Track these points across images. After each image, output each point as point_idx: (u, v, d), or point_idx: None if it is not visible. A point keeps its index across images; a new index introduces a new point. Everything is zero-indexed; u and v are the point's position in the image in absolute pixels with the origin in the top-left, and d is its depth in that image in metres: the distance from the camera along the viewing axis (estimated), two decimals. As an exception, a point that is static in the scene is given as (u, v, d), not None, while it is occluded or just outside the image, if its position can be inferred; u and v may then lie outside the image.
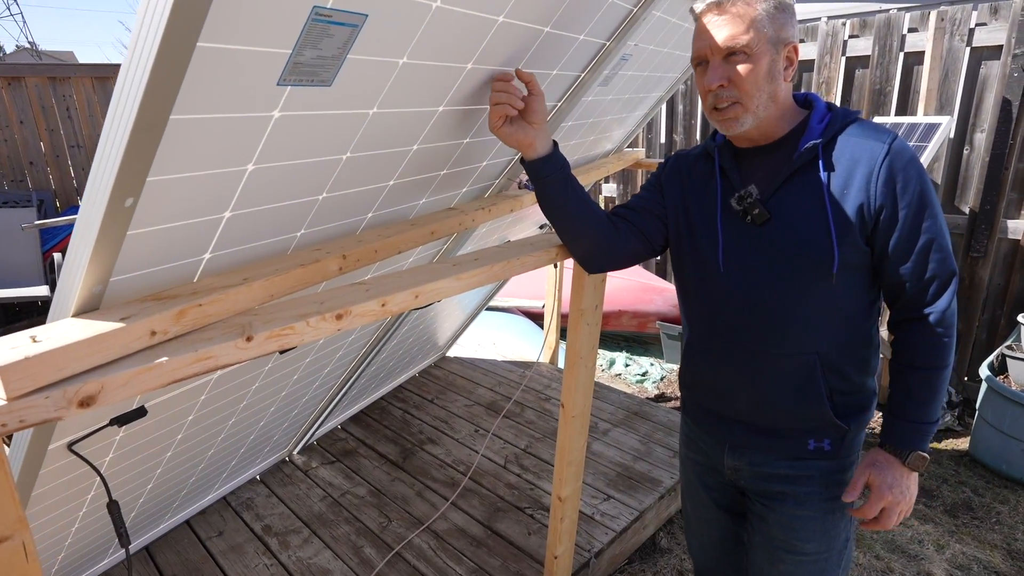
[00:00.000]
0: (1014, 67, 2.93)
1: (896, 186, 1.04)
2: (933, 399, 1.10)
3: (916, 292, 1.09)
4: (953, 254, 1.08)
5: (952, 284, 1.08)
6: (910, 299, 1.10)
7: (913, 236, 1.05)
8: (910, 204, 1.04)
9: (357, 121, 0.97)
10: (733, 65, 1.04)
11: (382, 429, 2.94)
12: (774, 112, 1.10)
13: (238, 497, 2.45)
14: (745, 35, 1.02)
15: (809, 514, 1.22)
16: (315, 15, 0.71)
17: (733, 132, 1.11)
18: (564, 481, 1.67)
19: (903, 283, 1.09)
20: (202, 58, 0.63)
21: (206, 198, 0.85)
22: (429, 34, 0.92)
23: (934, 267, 1.06)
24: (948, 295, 1.08)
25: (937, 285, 1.07)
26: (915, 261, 1.06)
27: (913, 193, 1.04)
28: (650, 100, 2.49)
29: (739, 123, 1.08)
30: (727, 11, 1.03)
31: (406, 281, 1.06)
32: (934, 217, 1.05)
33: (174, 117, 0.67)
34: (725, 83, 1.05)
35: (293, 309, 0.93)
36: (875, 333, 1.19)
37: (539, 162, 1.21)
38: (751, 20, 1.02)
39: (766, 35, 1.03)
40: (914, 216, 1.04)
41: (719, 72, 1.05)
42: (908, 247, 1.06)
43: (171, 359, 0.78)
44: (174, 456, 1.71)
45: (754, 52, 1.03)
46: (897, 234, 1.06)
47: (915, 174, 1.04)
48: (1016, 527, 2.47)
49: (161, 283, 0.92)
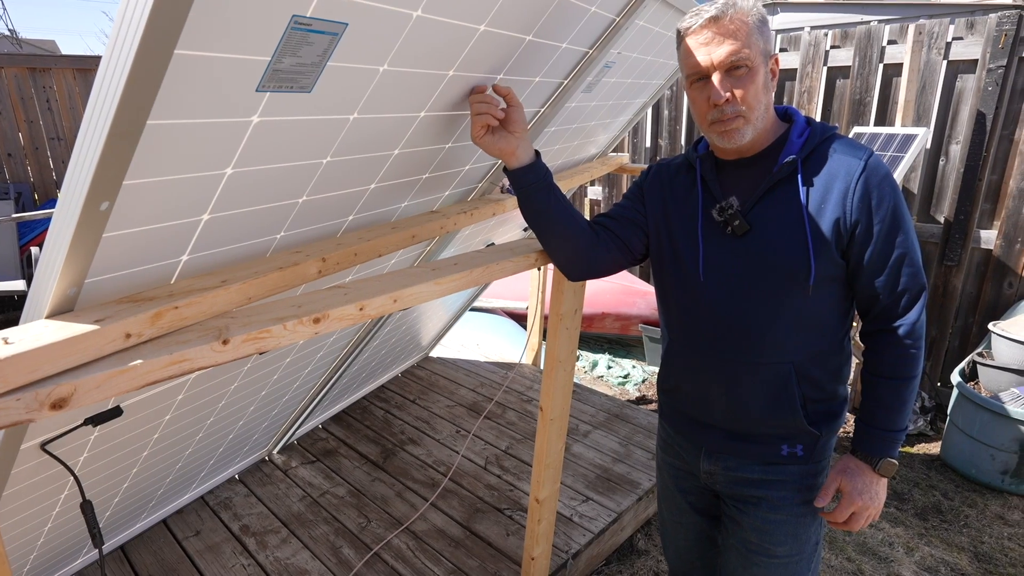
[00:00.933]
0: (989, 81, 3.00)
1: (871, 202, 1.07)
2: (902, 408, 1.14)
3: (888, 304, 1.12)
4: (924, 268, 1.12)
5: (922, 298, 1.11)
6: (882, 311, 1.13)
7: (886, 250, 1.08)
8: (884, 220, 1.07)
9: (337, 126, 0.98)
10: (735, 79, 1.06)
11: (363, 429, 2.94)
12: (767, 123, 1.12)
13: (216, 496, 2.43)
14: (746, 48, 1.04)
15: (782, 518, 1.25)
16: (295, 24, 0.72)
17: (736, 144, 1.12)
18: (542, 483, 1.69)
19: (876, 295, 1.12)
20: (180, 65, 0.64)
21: (184, 201, 0.85)
22: (410, 42, 0.92)
23: (905, 281, 1.10)
24: (917, 308, 1.11)
25: (908, 298, 1.11)
26: (888, 275, 1.09)
27: (887, 209, 1.07)
28: (635, 106, 2.52)
29: (741, 135, 1.10)
30: (726, 26, 1.05)
31: (385, 285, 1.07)
32: (906, 233, 1.09)
33: (151, 123, 0.67)
34: (731, 96, 1.07)
35: (270, 312, 0.93)
36: (848, 342, 1.22)
37: (521, 171, 1.23)
38: (747, 33, 1.04)
39: (759, 47, 1.06)
40: (888, 231, 1.08)
41: (725, 86, 1.06)
42: (881, 261, 1.09)
43: (146, 362, 0.79)
44: (151, 455, 1.69)
45: (754, 65, 1.06)
46: (871, 248, 1.09)
47: (889, 191, 1.08)
48: (983, 530, 2.53)
49: (138, 284, 0.92)
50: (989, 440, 2.74)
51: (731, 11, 1.05)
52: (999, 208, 3.15)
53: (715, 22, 1.05)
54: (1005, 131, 3.05)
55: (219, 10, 0.62)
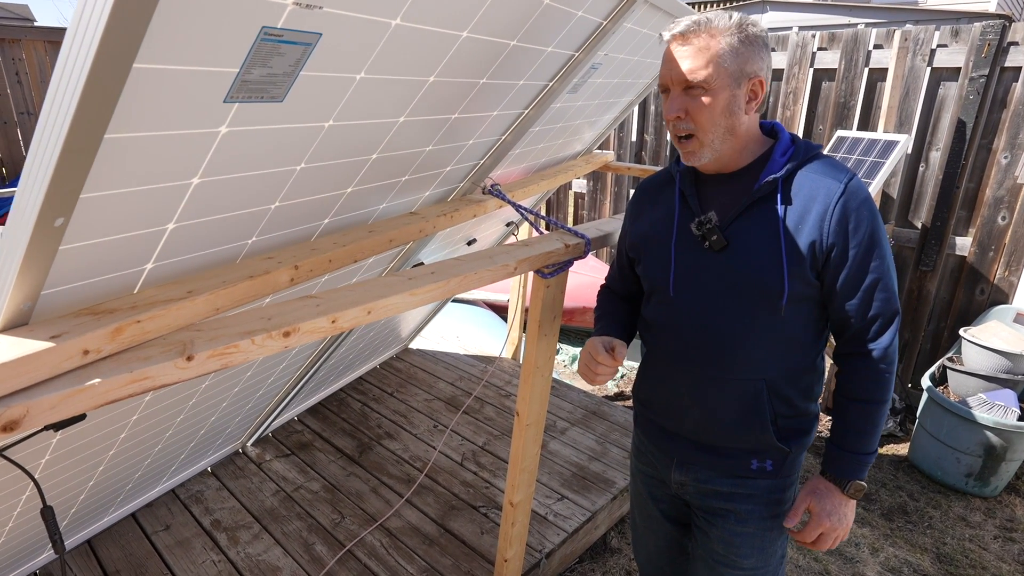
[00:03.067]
0: (970, 90, 3.03)
1: (848, 225, 1.07)
2: (872, 431, 1.15)
3: (860, 328, 1.12)
4: (899, 272, 1.12)
5: (895, 323, 1.12)
6: (854, 334, 1.14)
7: (860, 275, 1.09)
8: (860, 244, 1.07)
9: (312, 134, 0.95)
10: (692, 98, 1.05)
11: (340, 422, 2.92)
12: (734, 145, 1.11)
13: (187, 490, 2.40)
14: (704, 70, 1.02)
15: (749, 531, 1.26)
16: (264, 35, 0.69)
17: (695, 164, 1.13)
18: (516, 487, 1.69)
19: (848, 318, 1.12)
20: (140, 79, 0.61)
21: (147, 211, 0.82)
22: (388, 50, 0.89)
23: (878, 306, 1.10)
24: (890, 333, 1.12)
25: (880, 323, 1.11)
26: (861, 299, 1.10)
27: (864, 233, 1.07)
28: (621, 104, 2.49)
29: (696, 156, 1.10)
30: (690, 42, 1.03)
31: (358, 296, 1.04)
32: (882, 258, 1.09)
33: (109, 136, 0.64)
34: (682, 115, 1.06)
35: (238, 325, 0.91)
36: (820, 361, 1.22)
37: None
38: (712, 55, 1.02)
39: (727, 70, 1.03)
40: (863, 256, 1.08)
41: (677, 103, 1.06)
42: (855, 285, 1.09)
43: (104, 381, 0.76)
44: (117, 455, 1.66)
45: (712, 87, 1.03)
46: (845, 272, 1.09)
47: (867, 215, 1.07)
48: (946, 531, 2.60)
49: (99, 294, 0.89)
50: (955, 444, 2.80)
51: (701, 29, 1.03)
52: (975, 216, 3.20)
53: (681, 38, 1.05)
54: (984, 140, 3.09)
55: (182, 23, 0.59)
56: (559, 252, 1.43)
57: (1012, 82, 2.97)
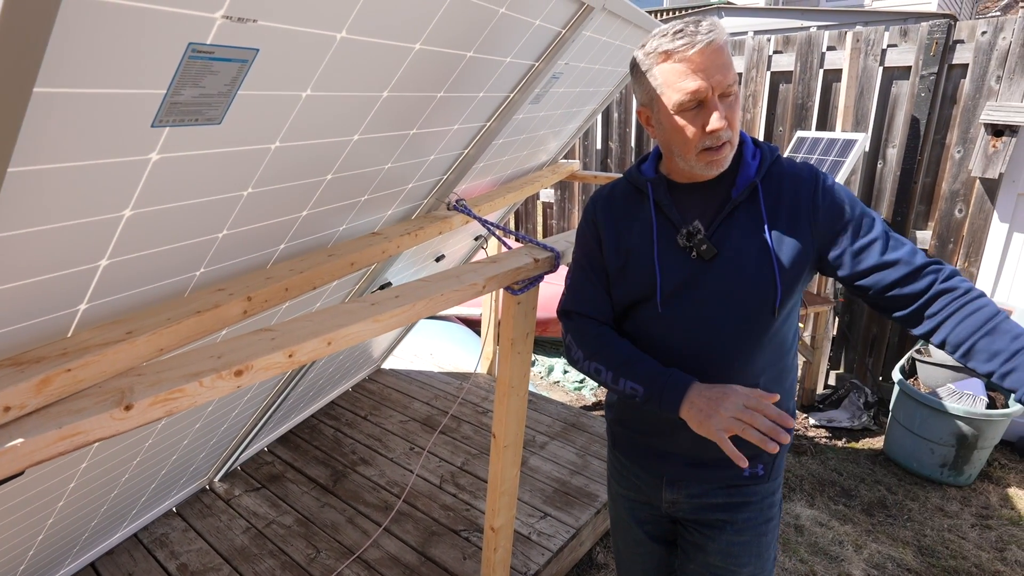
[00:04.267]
0: (922, 87, 3.10)
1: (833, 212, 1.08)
2: None
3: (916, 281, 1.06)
4: None
5: (922, 252, 1.07)
6: (919, 290, 1.05)
7: (871, 243, 1.07)
8: (850, 219, 1.08)
9: (257, 156, 0.88)
10: (726, 105, 1.01)
11: (312, 450, 2.81)
12: None
13: (151, 533, 2.27)
14: (733, 72, 1.01)
15: (747, 539, 1.23)
16: (192, 52, 0.63)
17: (717, 171, 1.08)
18: (497, 511, 1.63)
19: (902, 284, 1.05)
20: (44, 104, 0.54)
21: (73, 249, 0.75)
22: (336, 65, 0.84)
23: (906, 251, 1.07)
24: (931, 259, 1.06)
25: (922, 260, 1.06)
26: (892, 262, 1.06)
27: (848, 209, 1.08)
28: (584, 113, 2.48)
29: (727, 162, 1.07)
30: (721, 49, 1.00)
31: (317, 326, 0.98)
32: (872, 218, 1.09)
33: (13, 170, 0.57)
34: (725, 124, 1.01)
35: (184, 366, 0.83)
36: (795, 356, 1.21)
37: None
38: (729, 57, 1.01)
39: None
40: (858, 227, 1.07)
41: (722, 112, 1.00)
42: (878, 255, 1.06)
43: (28, 440, 0.68)
44: (67, 505, 1.54)
45: (737, 91, 1.03)
46: (858, 253, 1.07)
47: (842, 193, 1.09)
48: (925, 523, 2.62)
49: (25, 341, 0.81)
50: (929, 435, 2.84)
51: (722, 36, 1.01)
52: (932, 209, 3.27)
53: (711, 47, 0.98)
54: (937, 135, 3.17)
55: (91, 41, 0.53)
56: (528, 267, 1.38)
57: (960, 78, 3.05)
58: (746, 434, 0.96)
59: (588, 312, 1.23)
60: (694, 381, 1.07)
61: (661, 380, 1.08)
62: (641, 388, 1.10)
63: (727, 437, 0.98)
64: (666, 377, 1.08)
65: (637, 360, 1.13)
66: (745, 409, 0.99)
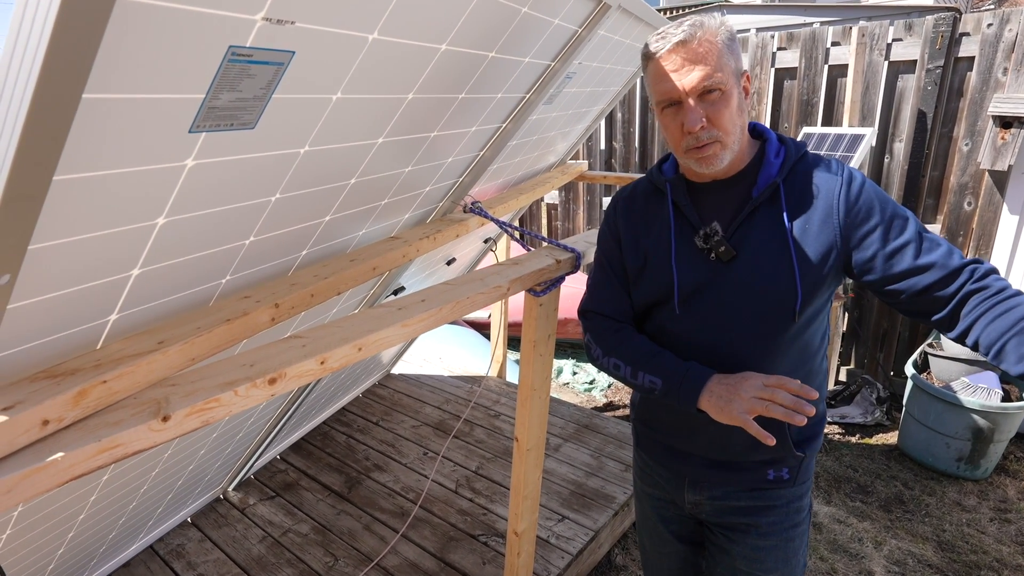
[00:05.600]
0: (928, 81, 3.10)
1: (859, 215, 1.03)
2: None
3: (951, 284, 1.01)
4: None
5: (963, 257, 1.02)
6: (952, 292, 1.01)
7: (903, 249, 1.02)
8: (879, 223, 1.02)
9: (287, 161, 0.87)
10: (710, 103, 0.99)
11: (325, 457, 2.80)
12: (743, 145, 1.07)
13: (167, 544, 2.25)
14: (718, 72, 0.98)
15: (772, 543, 1.21)
16: (232, 56, 0.61)
17: (714, 170, 1.06)
18: (520, 516, 1.61)
19: (936, 290, 1.01)
20: (91, 111, 0.53)
21: (108, 258, 0.73)
22: (366, 67, 0.83)
23: (941, 253, 1.01)
24: (968, 259, 1.02)
25: (958, 262, 1.02)
26: (924, 266, 1.01)
27: (877, 212, 1.03)
28: (593, 113, 2.47)
29: (720, 160, 1.03)
30: (695, 49, 0.98)
31: (347, 332, 0.97)
32: (905, 218, 1.03)
33: (59, 179, 0.56)
34: (705, 123, 1.00)
35: (218, 376, 0.82)
36: (825, 362, 1.19)
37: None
38: (718, 55, 0.98)
39: (731, 68, 0.99)
40: (888, 231, 1.02)
41: (698, 113, 0.99)
42: (909, 261, 1.01)
43: (69, 454, 0.67)
44: (88, 518, 1.53)
45: (727, 88, 0.99)
46: (889, 257, 1.02)
47: (872, 193, 1.04)
48: (943, 518, 2.60)
49: (58, 353, 0.80)
50: (944, 429, 2.82)
51: (699, 33, 0.98)
52: (941, 203, 3.26)
53: (683, 46, 0.98)
54: (944, 129, 3.16)
55: (137, 46, 0.52)
56: (550, 269, 1.37)
57: (967, 71, 3.05)
58: (769, 411, 0.95)
59: (606, 312, 1.23)
60: (713, 372, 1.06)
61: (680, 372, 1.08)
62: (660, 381, 1.09)
63: (751, 419, 0.97)
64: (685, 369, 1.08)
65: (655, 354, 1.13)
66: (765, 387, 0.98)
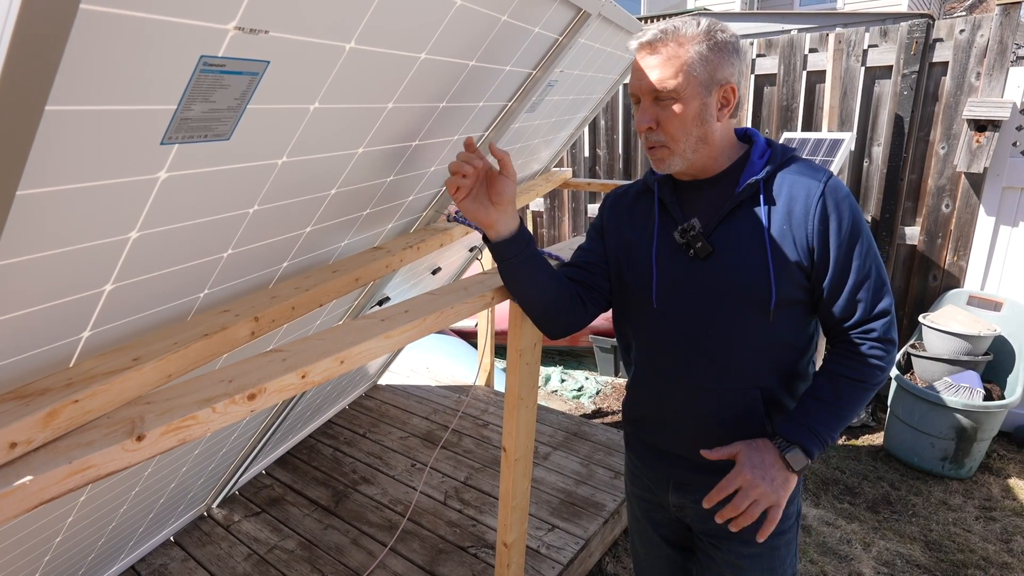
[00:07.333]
0: (904, 86, 3.15)
1: (830, 224, 1.05)
2: (838, 408, 1.06)
3: (851, 324, 1.09)
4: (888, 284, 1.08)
5: (887, 317, 1.07)
6: (847, 329, 1.10)
7: (844, 274, 1.06)
8: (842, 242, 1.05)
9: (264, 172, 0.86)
10: (662, 108, 1.03)
11: (311, 471, 2.75)
12: (708, 152, 1.08)
13: (149, 565, 2.20)
14: (673, 79, 0.99)
15: (756, 551, 1.21)
16: (204, 66, 0.60)
17: (662, 171, 1.11)
18: (509, 527, 1.59)
19: (838, 320, 1.09)
20: (56, 124, 0.51)
21: (79, 274, 0.71)
22: (344, 76, 0.82)
23: (865, 305, 1.07)
24: (883, 323, 1.07)
25: (871, 320, 1.07)
26: (846, 299, 1.06)
27: (846, 230, 1.05)
28: (576, 120, 2.48)
29: (666, 164, 1.08)
30: (658, 51, 1.00)
31: (328, 345, 0.95)
32: (865, 254, 1.06)
33: (21, 193, 0.54)
34: (653, 125, 1.04)
35: (195, 392, 0.80)
36: (812, 367, 1.19)
37: (500, 244, 1.15)
38: (681, 64, 0.99)
39: (697, 79, 1.00)
40: (845, 253, 1.05)
41: (648, 114, 1.04)
42: (842, 281, 1.06)
43: (38, 477, 0.64)
44: (65, 540, 1.49)
45: (682, 96, 1.01)
46: (831, 272, 1.06)
47: (848, 211, 1.05)
48: (930, 518, 2.62)
49: (27, 372, 0.77)
50: (928, 429, 2.85)
51: (667, 37, 1.01)
52: (920, 206, 3.32)
53: (648, 47, 1.02)
54: (921, 132, 3.22)
55: (104, 55, 0.50)
56: (535, 276, 1.36)
57: (941, 76, 3.11)
58: (453, 176, 1.07)
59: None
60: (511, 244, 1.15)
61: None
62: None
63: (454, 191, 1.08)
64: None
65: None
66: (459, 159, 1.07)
